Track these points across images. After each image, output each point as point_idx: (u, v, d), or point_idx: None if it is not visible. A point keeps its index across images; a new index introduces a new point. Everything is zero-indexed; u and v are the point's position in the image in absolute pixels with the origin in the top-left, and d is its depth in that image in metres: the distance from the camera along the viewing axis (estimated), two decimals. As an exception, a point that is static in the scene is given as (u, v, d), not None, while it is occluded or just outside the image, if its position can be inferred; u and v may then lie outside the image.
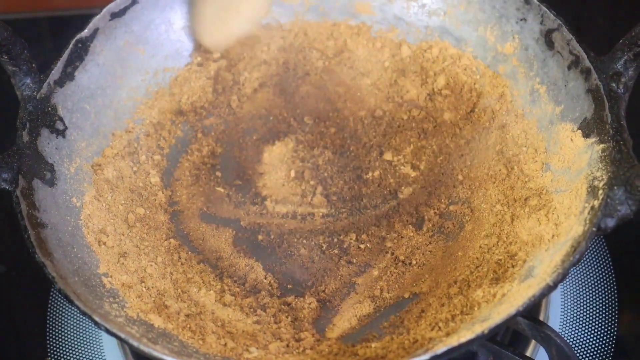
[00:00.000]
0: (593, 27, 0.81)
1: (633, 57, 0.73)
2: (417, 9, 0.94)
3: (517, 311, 0.63)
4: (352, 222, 0.86)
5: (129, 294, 0.74)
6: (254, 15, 0.94)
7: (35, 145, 0.77)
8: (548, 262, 0.69)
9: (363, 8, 0.97)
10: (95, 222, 0.79)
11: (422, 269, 0.80)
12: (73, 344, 0.88)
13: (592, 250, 0.92)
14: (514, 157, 0.82)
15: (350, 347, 0.72)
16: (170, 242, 0.83)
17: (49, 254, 0.70)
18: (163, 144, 0.90)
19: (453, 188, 0.85)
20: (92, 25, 0.86)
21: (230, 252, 0.83)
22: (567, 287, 0.90)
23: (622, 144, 0.69)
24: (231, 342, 0.72)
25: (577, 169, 0.74)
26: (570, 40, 0.80)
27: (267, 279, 0.81)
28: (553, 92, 0.81)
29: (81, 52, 0.85)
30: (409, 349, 0.68)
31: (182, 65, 0.95)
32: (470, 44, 0.91)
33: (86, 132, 0.84)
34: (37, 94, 0.79)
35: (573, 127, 0.77)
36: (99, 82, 0.87)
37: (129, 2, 0.89)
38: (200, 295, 0.78)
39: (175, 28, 0.94)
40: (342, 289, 0.80)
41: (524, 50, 0.85)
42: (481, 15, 0.90)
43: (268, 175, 0.90)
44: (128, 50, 0.90)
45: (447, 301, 0.73)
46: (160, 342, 0.68)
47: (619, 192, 0.65)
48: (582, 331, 0.86)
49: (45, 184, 0.76)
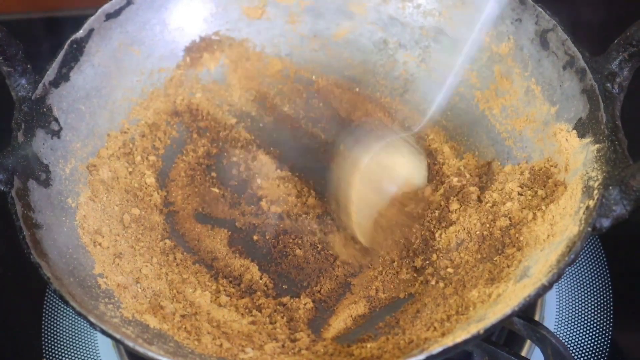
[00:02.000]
0: (588, 27, 0.81)
1: (628, 57, 0.73)
2: (412, 10, 0.94)
3: (513, 311, 0.63)
4: (347, 223, 0.86)
5: (125, 294, 0.74)
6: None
7: (31, 146, 0.77)
8: (543, 262, 0.69)
9: (358, 8, 0.97)
10: (91, 222, 0.79)
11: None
12: (68, 345, 0.88)
13: (587, 250, 0.92)
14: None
15: (346, 347, 0.72)
16: (166, 242, 0.83)
17: (44, 255, 0.70)
18: (158, 145, 0.90)
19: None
20: (87, 26, 0.86)
21: (226, 252, 0.83)
22: (563, 287, 0.90)
23: (617, 144, 0.69)
24: (227, 343, 0.72)
25: (572, 169, 0.74)
26: (565, 41, 0.80)
27: (262, 280, 0.81)
28: (548, 92, 0.81)
29: (76, 53, 0.85)
30: (405, 349, 0.68)
31: (176, 66, 0.94)
32: (465, 45, 0.91)
33: (81, 133, 0.84)
34: (32, 94, 0.79)
35: (568, 127, 0.77)
36: (94, 83, 0.87)
37: (124, 3, 0.89)
38: (195, 296, 0.77)
39: (170, 29, 0.94)
40: (337, 290, 0.81)
41: (519, 50, 0.86)
42: (476, 15, 0.90)
43: (263, 176, 0.90)
44: (123, 51, 0.90)
45: (443, 301, 0.73)
46: (156, 342, 0.68)
47: (614, 192, 0.65)
48: (577, 331, 0.86)
49: (41, 185, 0.76)
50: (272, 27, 0.98)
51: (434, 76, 0.93)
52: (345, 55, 0.97)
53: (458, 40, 0.91)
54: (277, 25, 0.98)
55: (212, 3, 0.96)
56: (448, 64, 0.92)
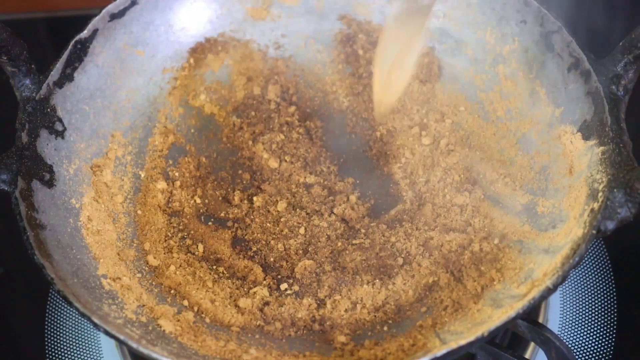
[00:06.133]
0: (592, 29, 0.81)
1: (633, 59, 0.73)
2: (417, 11, 0.94)
3: (517, 314, 0.63)
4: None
5: (128, 295, 0.74)
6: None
7: (35, 147, 0.77)
8: (547, 265, 0.69)
9: (362, 10, 0.97)
10: (95, 223, 0.79)
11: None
12: (71, 345, 0.88)
13: (591, 252, 0.92)
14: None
15: (350, 349, 0.72)
16: (170, 243, 0.83)
17: (48, 255, 0.70)
18: (162, 145, 0.90)
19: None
20: (92, 26, 0.86)
21: (230, 253, 0.83)
22: (567, 290, 0.90)
23: (622, 147, 0.69)
24: (230, 344, 0.72)
25: (577, 172, 0.74)
26: (570, 43, 0.80)
27: (266, 281, 0.81)
28: (553, 94, 0.81)
29: (80, 53, 0.85)
30: (408, 352, 0.68)
31: (180, 67, 0.95)
32: (469, 46, 0.91)
33: (85, 134, 0.84)
34: (36, 95, 0.79)
35: (573, 129, 0.77)
36: (98, 83, 0.87)
37: (129, 3, 0.89)
38: (198, 297, 0.77)
39: (175, 29, 0.94)
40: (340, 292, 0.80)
41: (523, 52, 0.85)
42: (481, 17, 0.90)
43: (268, 176, 0.90)
44: (127, 52, 0.90)
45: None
46: (159, 343, 0.68)
47: (619, 195, 0.65)
48: (581, 333, 0.86)
49: (44, 185, 0.76)
50: (276, 28, 0.98)
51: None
52: (349, 56, 0.98)
53: (462, 42, 0.91)
54: (281, 27, 0.98)
55: (217, 4, 0.96)
56: (452, 65, 0.92)
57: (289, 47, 0.98)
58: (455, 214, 0.82)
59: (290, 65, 0.98)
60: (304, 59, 0.98)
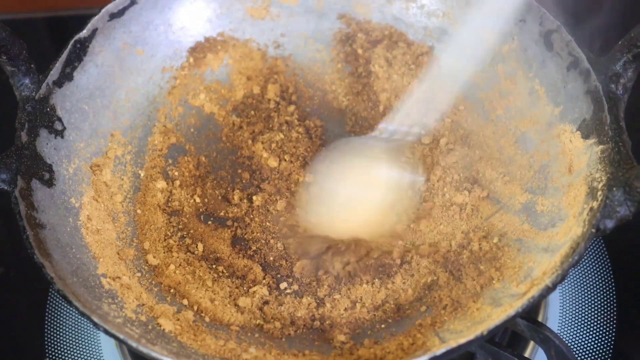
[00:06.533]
0: (591, 28, 0.81)
1: (632, 58, 0.73)
2: (416, 10, 0.94)
3: (516, 312, 0.63)
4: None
5: (128, 294, 0.74)
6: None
7: (34, 146, 0.77)
8: (547, 263, 0.69)
9: (362, 9, 0.97)
10: (94, 222, 0.79)
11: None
12: (71, 344, 0.88)
13: (590, 251, 0.92)
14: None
15: (349, 347, 0.72)
16: (169, 242, 0.83)
17: (47, 255, 0.70)
18: (161, 145, 0.90)
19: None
20: (91, 26, 0.86)
21: (229, 252, 0.83)
22: (566, 289, 0.90)
23: (621, 145, 0.69)
24: (229, 343, 0.72)
25: (576, 170, 0.74)
26: (569, 42, 0.79)
27: (265, 280, 0.81)
28: (552, 93, 0.81)
29: (80, 53, 0.85)
30: (408, 350, 0.68)
31: (180, 66, 0.95)
32: (469, 46, 0.91)
33: (85, 133, 0.84)
34: (35, 94, 0.79)
35: (572, 128, 0.77)
36: (97, 83, 0.87)
37: (128, 3, 0.89)
38: (198, 296, 0.78)
39: (174, 29, 0.94)
40: (339, 292, 0.80)
41: (523, 51, 0.85)
42: (480, 16, 0.90)
43: (268, 176, 0.90)
44: (127, 51, 0.90)
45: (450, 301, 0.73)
46: (159, 342, 0.68)
47: (618, 194, 0.65)
48: (580, 332, 0.86)
49: (44, 185, 0.76)
50: (275, 27, 0.98)
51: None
52: (349, 56, 0.98)
53: (462, 41, 0.91)
54: (281, 26, 0.98)
55: (216, 3, 0.96)
56: (451, 65, 0.92)
57: (289, 46, 0.98)
58: (455, 212, 0.82)
59: (290, 64, 0.98)
60: (304, 58, 0.98)
